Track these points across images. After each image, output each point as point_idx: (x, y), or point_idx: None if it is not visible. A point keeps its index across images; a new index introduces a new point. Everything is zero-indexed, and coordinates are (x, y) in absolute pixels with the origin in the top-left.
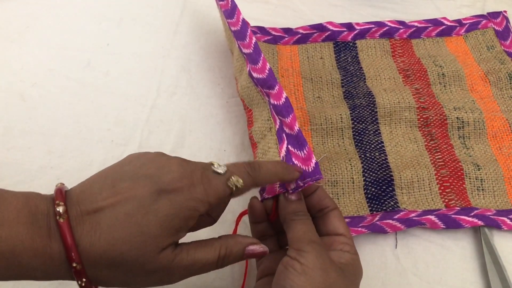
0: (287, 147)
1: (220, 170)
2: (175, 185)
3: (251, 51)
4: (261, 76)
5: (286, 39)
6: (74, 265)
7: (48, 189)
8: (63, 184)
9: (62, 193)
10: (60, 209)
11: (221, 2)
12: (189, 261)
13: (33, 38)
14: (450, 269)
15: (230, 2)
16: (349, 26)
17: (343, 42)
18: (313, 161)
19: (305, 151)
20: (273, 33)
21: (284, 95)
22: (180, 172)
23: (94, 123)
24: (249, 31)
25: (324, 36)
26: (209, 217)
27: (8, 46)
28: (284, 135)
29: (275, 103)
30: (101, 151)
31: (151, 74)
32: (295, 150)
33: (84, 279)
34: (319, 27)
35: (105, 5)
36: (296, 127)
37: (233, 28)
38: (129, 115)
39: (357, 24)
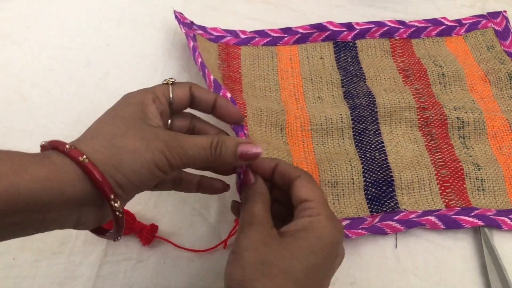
0: None
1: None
2: (120, 101)
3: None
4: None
5: (286, 39)
6: (81, 159)
7: None
8: None
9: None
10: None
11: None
12: (184, 138)
13: (33, 38)
14: (450, 269)
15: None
16: (349, 26)
17: (343, 42)
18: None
19: None
20: (272, 34)
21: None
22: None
23: None
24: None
25: (324, 36)
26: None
27: (8, 46)
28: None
29: None
30: None
31: (151, 74)
32: None
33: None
34: (319, 27)
35: (105, 5)
36: None
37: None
38: None
39: (357, 24)
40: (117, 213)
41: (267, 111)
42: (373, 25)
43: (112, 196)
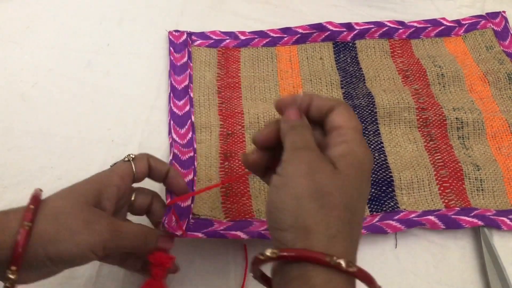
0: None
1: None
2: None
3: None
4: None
5: (286, 39)
6: (26, 223)
7: (48, 189)
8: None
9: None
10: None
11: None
12: (122, 224)
13: (33, 38)
14: (450, 269)
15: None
16: (349, 26)
17: (342, 42)
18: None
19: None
20: (272, 34)
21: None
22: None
23: (94, 123)
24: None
25: (323, 36)
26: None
27: (8, 46)
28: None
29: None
30: (101, 151)
31: (151, 74)
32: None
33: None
34: (319, 27)
35: (105, 5)
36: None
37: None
38: (129, 115)
39: (357, 24)
40: (7, 284)
41: (265, 116)
42: (372, 26)
43: (13, 268)
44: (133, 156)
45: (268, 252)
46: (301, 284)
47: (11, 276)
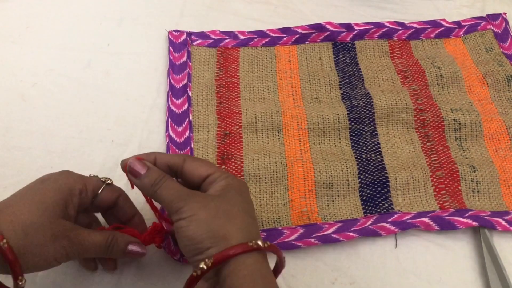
0: None
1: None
2: (55, 174)
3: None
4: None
5: (285, 39)
6: (1, 244)
7: None
8: None
9: None
10: None
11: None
12: (85, 236)
13: (33, 38)
14: (450, 269)
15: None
16: (348, 27)
17: (342, 42)
18: None
19: None
20: (271, 34)
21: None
22: (62, 171)
23: (94, 123)
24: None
25: (323, 36)
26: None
27: (8, 46)
28: None
29: None
30: (101, 151)
31: (151, 74)
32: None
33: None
34: (318, 27)
35: (105, 5)
36: None
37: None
38: (129, 115)
39: (356, 24)
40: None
41: (262, 116)
42: (372, 26)
43: (20, 278)
44: (110, 182)
45: (203, 265)
46: (240, 270)
47: (21, 283)
